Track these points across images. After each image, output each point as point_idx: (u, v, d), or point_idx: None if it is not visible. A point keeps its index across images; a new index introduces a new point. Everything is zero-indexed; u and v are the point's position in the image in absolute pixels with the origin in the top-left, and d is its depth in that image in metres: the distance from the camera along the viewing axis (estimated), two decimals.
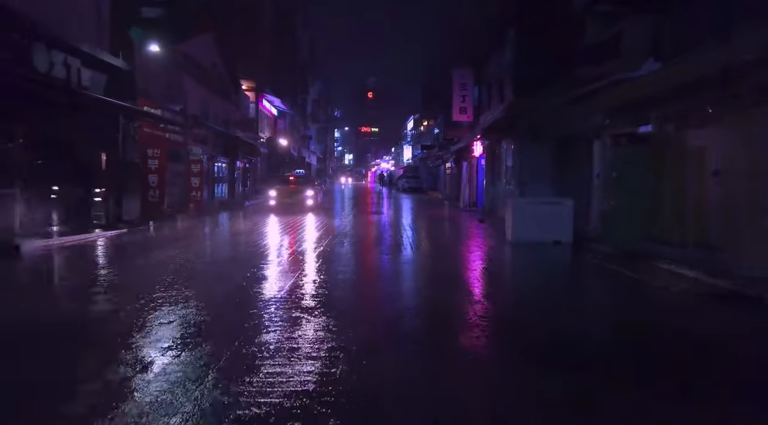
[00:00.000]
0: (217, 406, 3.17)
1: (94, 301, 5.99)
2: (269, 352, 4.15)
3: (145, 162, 16.10)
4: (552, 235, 10.67)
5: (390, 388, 3.53)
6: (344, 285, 7.00)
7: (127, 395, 3.30)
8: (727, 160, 7.53)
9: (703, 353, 4.40)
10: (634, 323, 5.32)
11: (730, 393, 3.56)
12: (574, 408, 3.27)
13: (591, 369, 3.95)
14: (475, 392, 3.59)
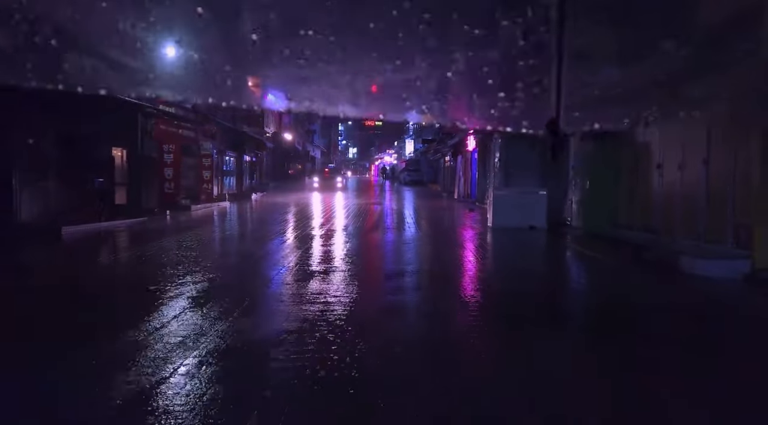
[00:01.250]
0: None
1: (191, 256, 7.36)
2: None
3: (161, 157, 17.48)
4: (528, 221, 11.98)
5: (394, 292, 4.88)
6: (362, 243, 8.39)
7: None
8: (666, 154, 8.82)
9: (618, 305, 5.72)
10: (573, 283, 6.66)
11: (629, 328, 4.88)
12: (521, 329, 4.61)
13: (533, 310, 5.29)
14: (446, 307, 4.93)
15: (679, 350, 4.18)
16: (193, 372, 3.46)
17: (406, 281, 6.74)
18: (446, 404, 3.09)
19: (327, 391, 3.23)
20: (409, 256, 8.64)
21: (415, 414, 2.94)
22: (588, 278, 7.49)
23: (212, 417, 2.83)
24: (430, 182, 42.08)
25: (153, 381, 3.28)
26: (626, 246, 8.70)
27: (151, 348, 3.89)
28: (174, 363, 3.61)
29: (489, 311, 5.36)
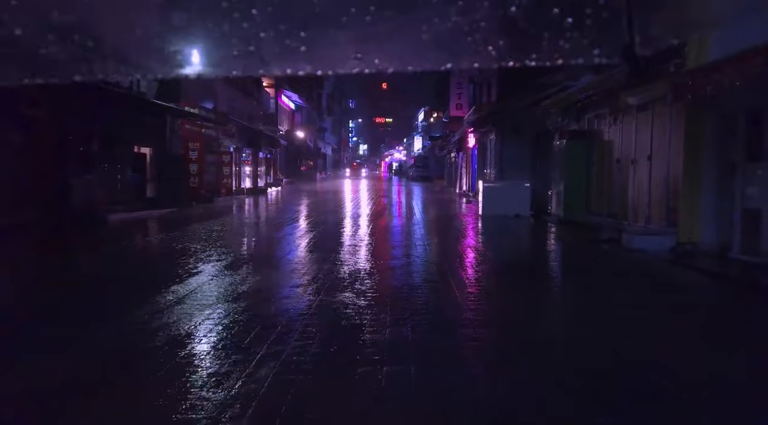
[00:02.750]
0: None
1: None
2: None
3: (187, 154, 19.27)
4: (513, 210, 13.54)
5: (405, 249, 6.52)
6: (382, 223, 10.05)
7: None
8: (623, 150, 10.35)
9: (566, 265, 7.32)
10: (549, 255, 8.27)
11: (569, 277, 6.48)
12: (511, 282, 6.22)
13: (525, 273, 6.89)
14: (456, 251, 6.54)
15: (594, 284, 5.80)
16: (261, 287, 5.14)
17: (408, 246, 8.38)
18: (448, 305, 4.70)
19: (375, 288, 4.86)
20: (413, 230, 10.28)
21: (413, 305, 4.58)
22: (550, 249, 9.14)
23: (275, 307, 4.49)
24: (437, 178, 43.60)
25: (216, 299, 4.95)
26: (590, 229, 10.25)
27: (212, 286, 5.56)
28: (241, 285, 5.29)
29: (473, 265, 6.97)
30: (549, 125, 14.31)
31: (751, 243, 6.86)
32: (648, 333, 4.45)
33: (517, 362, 3.69)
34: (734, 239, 7.17)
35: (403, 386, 3.14)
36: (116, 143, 15.52)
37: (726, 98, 7.00)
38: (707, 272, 6.68)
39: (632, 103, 9.21)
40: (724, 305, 5.67)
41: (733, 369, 3.60)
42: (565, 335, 4.44)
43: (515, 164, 17.43)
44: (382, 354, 3.65)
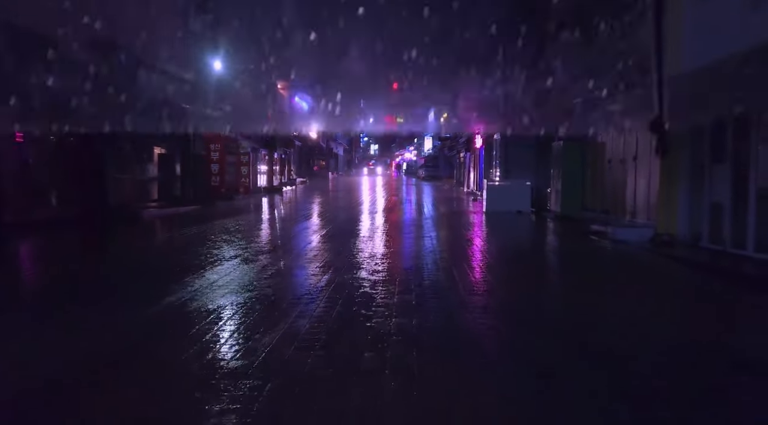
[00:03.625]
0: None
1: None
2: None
3: (209, 155, 20.49)
4: (515, 206, 14.51)
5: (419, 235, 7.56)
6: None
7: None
8: (613, 152, 11.29)
9: (557, 252, 8.30)
10: (540, 244, 9.27)
11: (559, 261, 7.47)
12: (519, 270, 7.23)
13: (517, 260, 7.89)
14: (458, 242, 7.54)
15: (578, 267, 6.80)
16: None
17: (416, 237, 9.41)
18: (447, 281, 5.71)
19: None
20: (424, 223, 11.31)
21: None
22: (544, 240, 10.15)
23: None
24: (446, 177, 44.55)
25: (244, 273, 6.02)
26: (584, 223, 11.21)
27: (247, 269, 6.64)
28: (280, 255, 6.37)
29: (473, 252, 7.98)
30: (547, 128, 15.25)
31: (715, 234, 7.80)
32: (610, 301, 5.44)
33: (497, 315, 4.71)
34: (703, 231, 8.11)
35: (407, 330, 4.18)
36: (145, 145, 16.75)
37: (696, 107, 7.95)
38: (675, 258, 7.62)
39: (612, 111, 10.16)
40: (677, 281, 6.63)
41: (679, 327, 4.59)
42: (541, 301, 5.43)
43: (519, 164, 18.35)
44: (391, 311, 4.69)
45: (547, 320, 4.73)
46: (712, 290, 6.22)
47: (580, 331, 4.38)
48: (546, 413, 2.85)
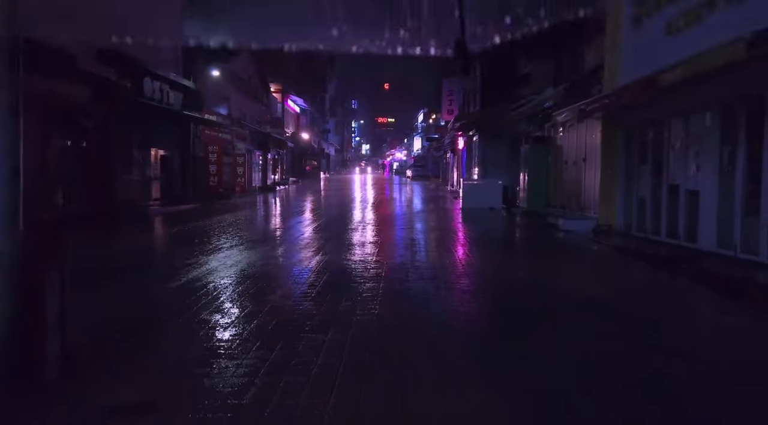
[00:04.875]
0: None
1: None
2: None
3: (207, 156, 21.84)
4: (488, 203, 16.03)
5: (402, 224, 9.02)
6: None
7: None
8: (568, 154, 12.84)
9: (517, 239, 9.80)
10: (505, 234, 10.77)
11: (516, 246, 8.97)
12: (478, 250, 8.71)
13: (482, 244, 9.36)
14: (435, 231, 9.02)
15: (530, 249, 8.30)
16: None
17: (408, 225, 10.89)
18: (424, 260, 7.16)
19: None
20: (406, 216, 12.79)
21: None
22: (509, 230, 11.66)
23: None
24: (433, 177, 46.12)
25: (251, 256, 7.46)
26: (545, 217, 12.75)
27: (251, 253, 8.07)
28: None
29: (456, 238, 9.46)
30: (519, 132, 16.82)
31: (641, 223, 9.35)
32: (542, 268, 6.95)
33: (460, 280, 6.19)
34: (633, 221, 9.66)
35: (392, 293, 5.65)
36: (149, 147, 18.08)
37: (626, 115, 9.49)
38: (605, 243, 9.15)
39: (559, 121, 11.70)
40: (596, 259, 8.15)
41: (607, 293, 6.11)
42: (499, 269, 6.91)
43: (496, 164, 19.91)
44: (380, 280, 6.16)
45: (495, 275, 6.21)
46: (615, 264, 7.74)
47: (514, 281, 5.87)
48: (474, 302, 4.34)
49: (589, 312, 5.06)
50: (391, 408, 2.93)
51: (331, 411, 2.89)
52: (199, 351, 3.82)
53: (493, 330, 4.54)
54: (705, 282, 6.03)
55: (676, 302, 5.75)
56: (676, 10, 8.06)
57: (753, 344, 4.24)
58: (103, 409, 2.90)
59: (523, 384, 3.30)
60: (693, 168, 7.93)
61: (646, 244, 8.64)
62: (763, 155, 6.41)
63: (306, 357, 3.68)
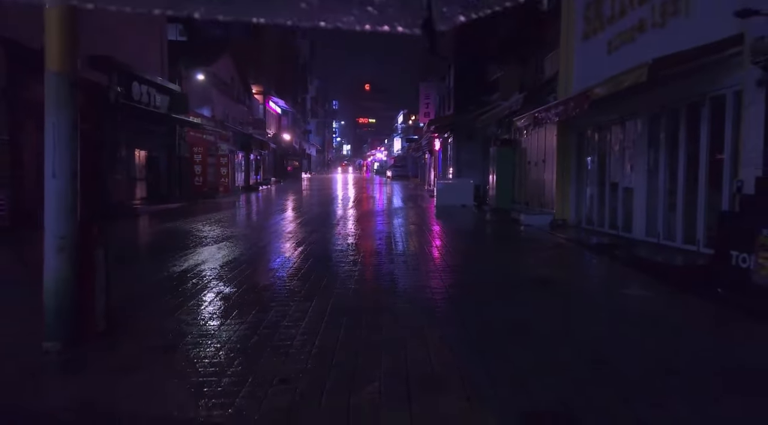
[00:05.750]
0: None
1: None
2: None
3: (192, 157, 22.58)
4: (460, 201, 17.18)
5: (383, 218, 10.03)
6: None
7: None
8: (531, 155, 14.04)
9: (483, 231, 10.93)
10: (472, 228, 11.88)
11: (481, 237, 10.07)
12: (445, 240, 9.76)
13: (452, 235, 10.43)
14: (410, 225, 10.05)
15: (496, 241, 9.40)
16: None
17: (385, 220, 11.91)
18: (414, 236, 8.18)
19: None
20: (384, 213, 13.86)
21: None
22: (476, 224, 12.80)
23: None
24: (413, 177, 47.30)
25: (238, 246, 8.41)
26: (508, 213, 13.93)
27: (241, 242, 9.02)
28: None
29: (428, 231, 10.52)
30: (490, 134, 18.02)
31: (590, 217, 10.55)
32: (500, 253, 8.05)
33: (427, 264, 7.24)
34: (584, 216, 10.86)
35: (367, 273, 6.67)
36: (136, 149, 18.80)
37: (578, 120, 10.68)
38: (560, 235, 10.33)
39: (519, 125, 12.88)
40: (548, 247, 9.30)
41: (549, 272, 7.23)
42: (462, 256, 7.98)
43: (469, 164, 21.12)
44: (357, 264, 7.18)
45: (458, 260, 7.29)
46: (561, 251, 8.91)
47: (474, 265, 6.96)
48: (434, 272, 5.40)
49: (528, 285, 6.17)
50: (361, 341, 3.96)
51: (317, 348, 3.91)
52: (206, 314, 4.80)
53: (449, 298, 5.60)
54: (629, 264, 7.19)
55: (599, 278, 6.92)
56: (615, 31, 9.27)
57: (640, 304, 5.38)
58: (139, 348, 3.88)
59: (459, 333, 4.37)
60: (628, 168, 9.15)
61: (591, 235, 9.83)
62: (679, 159, 7.62)
63: (296, 317, 4.70)
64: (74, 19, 3.98)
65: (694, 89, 7.02)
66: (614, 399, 3.12)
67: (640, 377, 3.47)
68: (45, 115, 3.91)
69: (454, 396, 3.12)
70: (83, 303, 4.01)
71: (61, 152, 3.89)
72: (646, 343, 4.19)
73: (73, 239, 3.94)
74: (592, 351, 3.97)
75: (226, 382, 3.29)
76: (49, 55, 3.88)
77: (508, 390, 3.21)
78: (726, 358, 3.86)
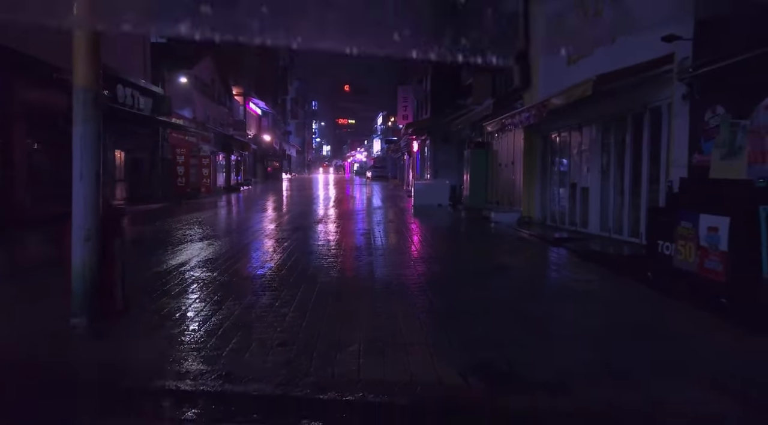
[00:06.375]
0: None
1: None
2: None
3: (175, 158, 22.98)
4: (437, 201, 18.03)
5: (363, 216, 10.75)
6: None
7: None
8: (502, 157, 14.97)
9: (456, 227, 11.77)
10: (446, 225, 12.73)
11: (455, 232, 10.90)
12: (421, 236, 10.52)
13: (427, 232, 11.21)
14: (388, 223, 10.79)
15: (467, 236, 10.24)
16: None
17: (365, 218, 12.64)
18: (392, 233, 8.92)
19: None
20: (364, 212, 14.60)
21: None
22: (450, 222, 13.67)
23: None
24: (392, 177, 48.14)
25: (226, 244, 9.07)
26: (481, 211, 14.83)
27: (228, 239, 9.66)
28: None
29: (405, 228, 11.28)
30: (465, 137, 18.93)
31: (553, 215, 11.49)
32: (470, 245, 8.88)
33: (402, 256, 8.00)
34: (547, 213, 11.79)
35: (348, 264, 7.40)
36: (120, 150, 19.19)
37: (542, 125, 11.61)
38: (525, 231, 11.23)
39: (489, 130, 13.79)
40: (512, 240, 10.18)
41: (510, 261, 8.06)
42: (435, 249, 8.77)
43: (445, 166, 22.02)
44: (339, 256, 7.92)
45: (431, 253, 8.08)
46: (523, 245, 9.80)
47: (445, 256, 7.77)
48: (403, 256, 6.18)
49: (491, 272, 7.01)
50: (344, 317, 4.72)
51: (307, 322, 4.65)
52: (209, 298, 5.49)
53: (420, 284, 6.38)
54: (581, 255, 8.09)
55: (551, 266, 7.81)
56: None
57: (582, 285, 6.25)
58: (152, 323, 4.57)
59: (427, 305, 5.17)
60: (585, 170, 10.09)
61: (553, 230, 10.75)
62: (626, 162, 8.57)
63: (287, 300, 5.42)
64: (99, 41, 4.65)
65: (637, 101, 7.96)
66: (542, 352, 3.94)
67: (565, 336, 4.31)
68: (73, 125, 4.58)
69: (419, 353, 3.90)
70: (104, 286, 4.67)
71: (87, 157, 4.56)
72: (577, 313, 5.05)
73: (96, 231, 4.61)
74: (533, 319, 4.81)
75: (231, 347, 4.01)
76: (76, 74, 4.55)
77: (462, 349, 4.01)
78: (633, 321, 4.74)
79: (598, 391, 3.29)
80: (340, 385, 3.29)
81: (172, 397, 3.23)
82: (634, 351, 4.01)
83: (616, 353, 3.97)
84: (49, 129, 14.10)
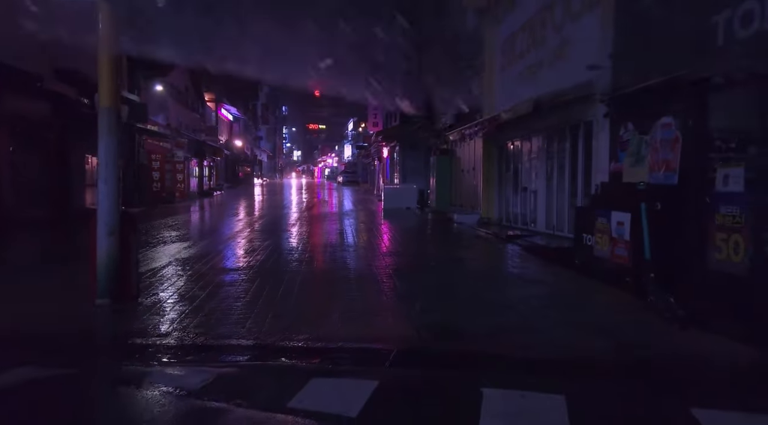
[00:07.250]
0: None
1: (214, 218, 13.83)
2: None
3: (150, 164, 23.52)
4: (405, 204, 19.21)
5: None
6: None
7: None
8: (465, 163, 16.26)
9: (423, 229, 12.91)
10: (412, 225, 13.86)
11: (419, 233, 12.02)
12: (389, 235, 11.57)
13: (396, 231, 12.28)
14: (360, 224, 11.80)
15: (431, 235, 11.39)
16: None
17: (338, 219, 13.65)
18: (363, 232, 9.94)
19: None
20: (335, 214, 15.61)
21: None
22: (416, 223, 14.84)
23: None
24: (363, 182, 49.24)
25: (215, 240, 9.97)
26: (445, 214, 16.06)
27: (210, 240, 10.54)
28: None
29: (375, 229, 12.32)
30: (431, 144, 20.20)
31: (508, 216, 12.79)
32: (433, 243, 10.02)
33: (373, 252, 9.06)
34: (504, 215, 13.09)
35: (325, 258, 8.42)
36: (97, 156, 19.68)
37: (498, 135, 12.90)
38: (483, 230, 12.48)
39: (451, 139, 15.05)
40: (471, 238, 11.40)
41: (466, 254, 9.22)
42: (402, 245, 9.87)
43: (414, 171, 23.23)
44: (315, 253, 8.93)
45: (398, 248, 9.17)
46: (480, 242, 11.04)
47: (410, 251, 8.88)
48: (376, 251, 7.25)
49: (448, 263, 8.18)
50: (325, 297, 5.77)
51: (294, 299, 5.68)
52: (208, 285, 6.45)
53: (387, 273, 7.48)
54: (526, 248, 9.35)
55: (499, 257, 9.04)
56: (524, 65, 11.52)
57: (520, 271, 7.47)
58: (164, 304, 5.52)
59: (395, 290, 6.27)
60: (534, 175, 11.40)
61: (507, 229, 12.03)
62: (566, 168, 9.89)
63: (275, 285, 6.44)
64: (120, 65, 5.59)
65: (574, 116, 9.28)
66: (479, 316, 5.10)
67: (500, 306, 5.49)
68: (98, 138, 5.50)
69: (385, 318, 5.00)
70: (123, 274, 5.60)
71: (110, 164, 5.49)
72: (512, 291, 6.26)
73: (117, 226, 5.54)
74: (477, 296, 5.97)
75: (232, 319, 5.01)
76: (101, 94, 5.49)
77: (417, 316, 5.12)
78: (555, 295, 5.96)
79: (513, 337, 4.46)
80: (327, 338, 4.35)
81: (193, 349, 4.22)
82: (549, 315, 5.21)
83: (535, 316, 5.16)
84: (27, 136, 14.67)
